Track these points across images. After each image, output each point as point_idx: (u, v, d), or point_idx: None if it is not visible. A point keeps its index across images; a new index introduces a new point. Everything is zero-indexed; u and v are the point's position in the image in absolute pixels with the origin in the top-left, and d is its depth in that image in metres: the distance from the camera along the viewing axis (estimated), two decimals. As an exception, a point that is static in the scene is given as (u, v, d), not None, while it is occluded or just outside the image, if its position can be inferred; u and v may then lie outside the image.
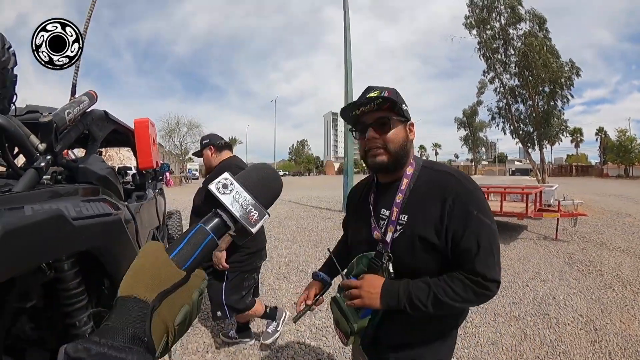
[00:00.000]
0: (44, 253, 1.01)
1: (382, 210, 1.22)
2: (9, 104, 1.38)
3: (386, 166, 1.18)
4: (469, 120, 35.23)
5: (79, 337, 1.28)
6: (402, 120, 1.18)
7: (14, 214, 0.89)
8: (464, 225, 1.07)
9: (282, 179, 0.68)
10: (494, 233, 1.10)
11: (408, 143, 1.20)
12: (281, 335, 3.07)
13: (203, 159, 2.90)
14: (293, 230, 8.14)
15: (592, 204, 12.11)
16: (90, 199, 1.32)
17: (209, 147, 2.83)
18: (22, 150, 1.33)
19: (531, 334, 3.14)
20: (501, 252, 1.14)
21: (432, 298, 1.06)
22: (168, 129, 41.10)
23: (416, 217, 1.13)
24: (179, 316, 0.44)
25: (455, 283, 1.06)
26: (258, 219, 0.56)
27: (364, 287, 1.13)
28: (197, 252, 0.50)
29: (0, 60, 1.23)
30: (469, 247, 1.06)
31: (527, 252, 5.91)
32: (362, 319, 1.19)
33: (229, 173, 0.58)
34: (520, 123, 15.72)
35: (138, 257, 0.46)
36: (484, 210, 1.10)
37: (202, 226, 0.53)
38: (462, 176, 1.16)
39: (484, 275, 1.05)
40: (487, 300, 1.10)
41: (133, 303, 0.41)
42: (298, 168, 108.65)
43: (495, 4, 14.80)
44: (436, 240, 1.08)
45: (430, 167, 1.23)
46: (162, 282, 0.44)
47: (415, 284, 1.09)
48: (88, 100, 1.82)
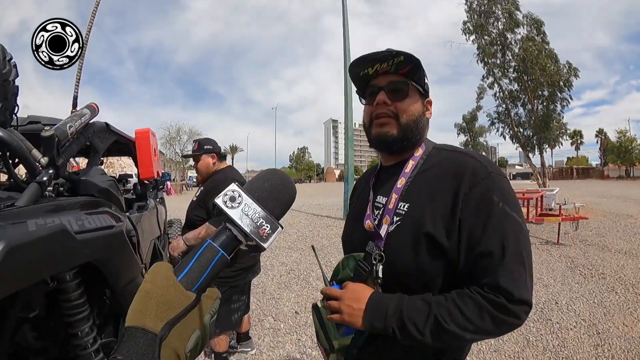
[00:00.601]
0: (48, 268, 1.03)
1: (379, 197, 0.99)
2: (11, 115, 1.40)
3: (392, 140, 0.95)
4: (468, 126, 35.21)
5: (81, 348, 1.29)
6: (421, 92, 0.98)
7: (18, 229, 0.91)
8: (485, 219, 0.79)
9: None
10: (524, 235, 0.81)
11: (423, 120, 0.98)
12: (282, 345, 3.08)
13: (199, 164, 2.67)
14: (294, 238, 8.14)
15: (593, 206, 12.09)
16: (92, 211, 1.34)
17: (211, 155, 2.65)
18: (25, 164, 1.35)
19: (534, 340, 3.13)
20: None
21: (433, 323, 0.77)
22: (169, 137, 41.35)
23: (419, 207, 0.87)
24: (190, 343, 0.43)
25: (467, 304, 0.76)
26: (270, 232, 0.53)
27: (345, 300, 0.87)
28: (207, 272, 0.48)
29: (1, 72, 1.25)
30: (491, 250, 0.77)
31: (529, 257, 5.89)
32: (343, 337, 0.93)
33: (237, 184, 0.54)
34: (520, 127, 15.75)
35: (145, 281, 0.45)
36: (513, 203, 0.82)
37: (210, 243, 0.50)
38: (484, 159, 0.89)
39: (509, 293, 0.74)
40: (510, 330, 0.80)
41: (141, 334, 0.39)
42: (299, 175, 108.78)
43: (493, 9, 14.91)
44: (444, 239, 0.82)
45: (443, 148, 0.99)
46: (171, 308, 0.42)
47: (412, 301, 0.81)
48: (90, 113, 1.84)
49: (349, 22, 11.54)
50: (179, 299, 0.43)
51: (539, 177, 15.10)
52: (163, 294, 0.43)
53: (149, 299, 0.42)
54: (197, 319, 0.44)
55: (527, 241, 0.81)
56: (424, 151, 0.97)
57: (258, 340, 3.17)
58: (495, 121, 16.87)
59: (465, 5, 15.63)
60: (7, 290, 0.86)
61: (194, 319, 0.44)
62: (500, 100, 16.03)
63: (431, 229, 0.82)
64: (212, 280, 0.49)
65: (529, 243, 0.82)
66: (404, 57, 0.90)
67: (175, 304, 0.43)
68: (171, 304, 0.42)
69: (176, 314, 0.42)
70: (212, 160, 2.66)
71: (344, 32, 11.46)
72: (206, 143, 2.68)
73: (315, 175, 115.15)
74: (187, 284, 0.46)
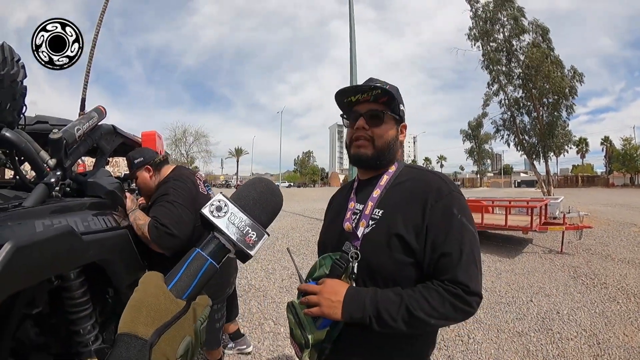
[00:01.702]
0: (54, 267, 1.05)
1: (357, 205, 1.11)
2: (19, 115, 1.42)
3: (367, 159, 1.10)
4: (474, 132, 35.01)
5: (82, 345, 1.31)
6: (397, 118, 1.12)
7: (26, 230, 0.93)
8: (446, 227, 0.96)
9: (287, 190, 0.64)
10: (476, 242, 0.99)
11: (396, 143, 1.13)
12: (282, 349, 3.09)
13: (137, 182, 2.25)
14: (297, 242, 8.14)
15: (597, 214, 12.00)
16: (98, 213, 1.37)
17: (145, 168, 2.19)
18: (33, 165, 1.38)
19: (534, 350, 3.11)
20: (506, 266, 1.02)
21: (404, 312, 0.90)
22: (174, 138, 41.56)
23: (392, 213, 1.01)
24: (180, 348, 0.44)
25: (432, 295, 0.91)
26: (257, 240, 0.54)
27: (323, 294, 0.97)
28: (197, 280, 0.49)
29: (9, 73, 1.27)
30: (450, 251, 0.94)
31: (532, 266, 5.86)
32: (319, 330, 1.01)
33: (222, 194, 0.56)
34: (525, 135, 15.67)
35: (137, 289, 0.47)
36: (468, 215, 1.00)
37: (199, 252, 0.52)
38: (446, 178, 1.07)
39: (466, 285, 0.91)
40: (466, 317, 0.95)
41: (132, 340, 0.41)
42: (303, 179, 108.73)
43: (498, 16, 14.90)
44: (414, 241, 0.96)
45: (412, 167, 1.15)
46: (162, 315, 0.44)
47: (385, 294, 0.94)
48: (97, 116, 1.88)
49: (355, 28, 11.60)
50: (169, 307, 0.45)
51: (543, 185, 15.02)
52: (154, 302, 0.45)
53: (140, 307, 0.44)
54: (187, 326, 0.46)
55: (478, 247, 0.99)
56: (397, 168, 1.12)
57: (258, 343, 3.18)
58: (500, 128, 16.80)
59: (471, 12, 15.64)
60: (13, 289, 0.88)
61: (184, 325, 0.46)
62: (505, 108, 15.98)
63: (403, 232, 0.97)
64: (202, 288, 0.50)
65: (479, 248, 0.99)
66: (381, 90, 1.05)
67: (166, 312, 0.45)
68: (162, 312, 0.44)
69: (166, 321, 0.44)
70: (148, 173, 2.20)
71: (350, 37, 11.53)
72: (135, 157, 2.21)
73: (319, 180, 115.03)
74: (178, 292, 0.48)
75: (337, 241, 1.09)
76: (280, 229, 9.67)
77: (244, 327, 3.50)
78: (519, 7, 14.68)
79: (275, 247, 7.29)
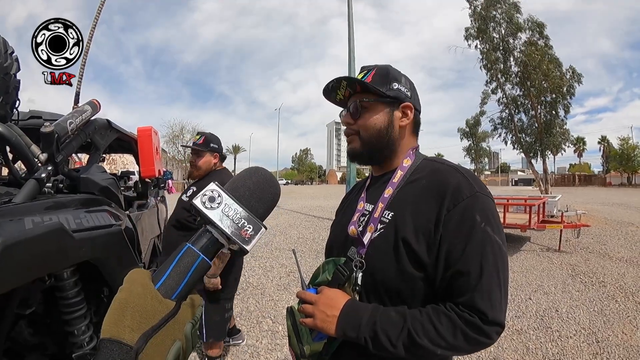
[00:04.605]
0: (44, 266, 1.02)
1: (367, 205, 0.97)
2: (12, 109, 1.39)
3: (358, 154, 0.99)
4: (472, 131, 35.17)
5: (77, 346, 1.28)
6: (386, 101, 0.96)
7: (15, 227, 0.90)
8: (465, 238, 0.78)
9: (285, 188, 0.59)
10: (503, 257, 0.80)
11: (390, 129, 0.97)
12: (280, 347, 3.07)
13: (201, 160, 2.51)
14: (294, 239, 8.12)
15: (595, 213, 12.03)
16: (91, 209, 1.33)
17: (214, 154, 2.54)
18: (23, 159, 1.34)
19: (533, 347, 3.10)
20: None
21: (406, 337, 0.76)
22: (172, 135, 41.37)
23: (403, 216, 0.85)
24: (170, 355, 0.40)
25: (442, 321, 0.76)
26: (253, 233, 0.49)
27: (319, 305, 0.85)
28: (187, 278, 0.45)
29: (2, 65, 1.23)
30: (469, 269, 0.76)
31: (530, 264, 5.87)
32: (315, 342, 0.91)
33: (216, 183, 0.51)
34: (522, 133, 15.69)
35: (121, 289, 0.42)
36: (494, 224, 0.81)
37: (189, 247, 0.47)
38: (471, 176, 0.87)
39: (484, 313, 0.74)
40: (481, 349, 0.80)
41: (116, 347, 0.37)
42: (300, 177, 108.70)
43: (493, 14, 14.84)
44: (424, 253, 0.81)
45: (432, 160, 0.98)
46: (148, 318, 0.40)
47: (386, 313, 0.80)
48: (91, 110, 1.84)
49: (355, 27, 11.56)
50: (157, 308, 0.41)
51: (541, 183, 15.05)
52: (140, 303, 0.40)
53: (124, 309, 0.40)
54: (177, 329, 0.42)
55: (506, 264, 0.81)
56: (413, 162, 0.97)
57: (256, 342, 3.16)
58: (498, 126, 16.82)
59: (470, 9, 15.60)
60: (3, 288, 0.85)
61: (173, 329, 0.42)
62: (503, 106, 15.99)
63: (412, 241, 0.82)
64: (192, 286, 0.46)
65: (507, 266, 0.81)
66: (347, 82, 0.97)
67: (153, 314, 0.40)
68: (148, 314, 0.40)
69: (154, 324, 0.40)
70: (215, 160, 2.55)
71: (349, 36, 11.47)
72: (213, 141, 2.55)
73: (317, 177, 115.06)
74: (166, 291, 0.43)
75: (342, 245, 0.97)
76: (278, 226, 9.67)
77: (242, 325, 3.48)
78: (514, 3, 14.60)
79: (273, 245, 7.27)
